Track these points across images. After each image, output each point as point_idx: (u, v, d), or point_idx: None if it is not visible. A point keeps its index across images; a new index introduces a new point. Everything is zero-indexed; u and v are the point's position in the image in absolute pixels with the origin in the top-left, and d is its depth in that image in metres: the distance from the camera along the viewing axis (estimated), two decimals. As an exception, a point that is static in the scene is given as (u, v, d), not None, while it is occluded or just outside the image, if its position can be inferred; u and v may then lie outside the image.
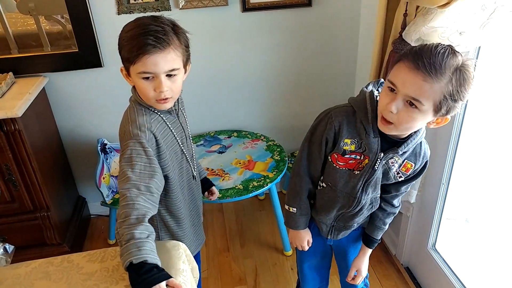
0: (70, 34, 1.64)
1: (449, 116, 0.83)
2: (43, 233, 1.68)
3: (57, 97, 1.78)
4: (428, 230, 1.52)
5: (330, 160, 0.97)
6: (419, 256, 1.62)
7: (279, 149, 1.80)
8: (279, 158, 1.74)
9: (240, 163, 1.73)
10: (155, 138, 0.94)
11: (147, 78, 0.89)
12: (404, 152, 0.92)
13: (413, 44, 1.22)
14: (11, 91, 1.56)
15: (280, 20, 1.77)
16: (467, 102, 0.85)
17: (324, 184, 1.03)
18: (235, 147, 1.83)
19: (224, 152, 1.81)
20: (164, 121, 0.98)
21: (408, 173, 0.96)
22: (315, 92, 1.97)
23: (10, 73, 1.62)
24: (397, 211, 1.09)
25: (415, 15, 1.19)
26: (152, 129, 0.93)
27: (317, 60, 1.90)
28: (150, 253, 0.81)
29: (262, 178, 1.62)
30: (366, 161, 0.93)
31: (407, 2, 1.20)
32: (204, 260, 1.81)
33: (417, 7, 1.16)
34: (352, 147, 0.92)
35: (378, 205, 1.05)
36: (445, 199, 1.44)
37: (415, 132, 0.89)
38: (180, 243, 0.94)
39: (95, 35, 1.65)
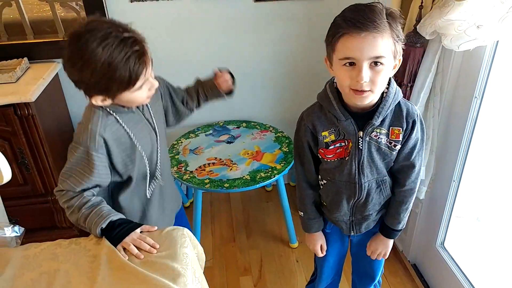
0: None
1: (400, 57, 0.86)
2: (54, 216, 1.72)
3: (70, 83, 1.72)
4: (437, 228, 1.50)
5: (320, 157, 1.00)
6: (427, 254, 1.61)
7: (287, 141, 1.79)
8: (287, 150, 1.73)
9: (248, 153, 1.73)
10: (106, 143, 0.93)
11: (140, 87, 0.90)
12: (383, 121, 0.92)
13: (427, 38, 1.19)
14: (25, 76, 1.58)
15: (292, 10, 1.75)
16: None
17: (324, 181, 1.05)
18: (244, 138, 1.83)
19: (232, 142, 1.81)
20: (121, 122, 0.96)
21: (400, 139, 0.94)
22: (327, 84, 1.95)
23: (25, 59, 1.65)
24: (408, 200, 1.04)
25: (431, 7, 1.15)
26: (104, 133, 0.93)
27: (330, 52, 1.87)
28: (111, 213, 0.91)
29: (270, 170, 1.62)
30: (351, 144, 0.94)
31: (423, -6, 1.17)
32: (209, 250, 1.82)
33: (434, -1, 1.13)
34: (332, 137, 0.95)
35: (387, 188, 1.03)
36: (455, 196, 1.41)
37: (382, 97, 0.90)
38: (185, 228, 0.94)
39: (108, 22, 1.66)
